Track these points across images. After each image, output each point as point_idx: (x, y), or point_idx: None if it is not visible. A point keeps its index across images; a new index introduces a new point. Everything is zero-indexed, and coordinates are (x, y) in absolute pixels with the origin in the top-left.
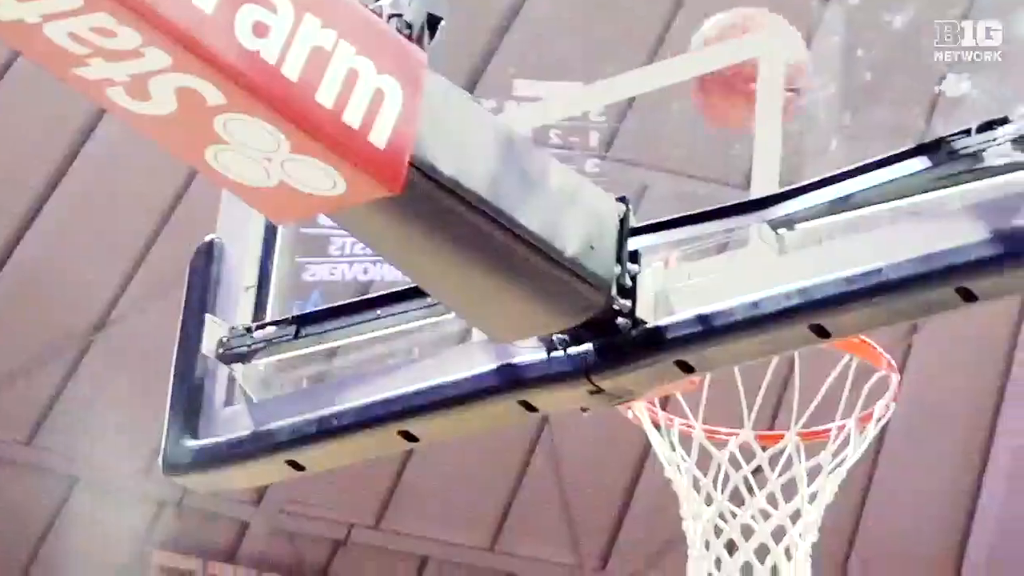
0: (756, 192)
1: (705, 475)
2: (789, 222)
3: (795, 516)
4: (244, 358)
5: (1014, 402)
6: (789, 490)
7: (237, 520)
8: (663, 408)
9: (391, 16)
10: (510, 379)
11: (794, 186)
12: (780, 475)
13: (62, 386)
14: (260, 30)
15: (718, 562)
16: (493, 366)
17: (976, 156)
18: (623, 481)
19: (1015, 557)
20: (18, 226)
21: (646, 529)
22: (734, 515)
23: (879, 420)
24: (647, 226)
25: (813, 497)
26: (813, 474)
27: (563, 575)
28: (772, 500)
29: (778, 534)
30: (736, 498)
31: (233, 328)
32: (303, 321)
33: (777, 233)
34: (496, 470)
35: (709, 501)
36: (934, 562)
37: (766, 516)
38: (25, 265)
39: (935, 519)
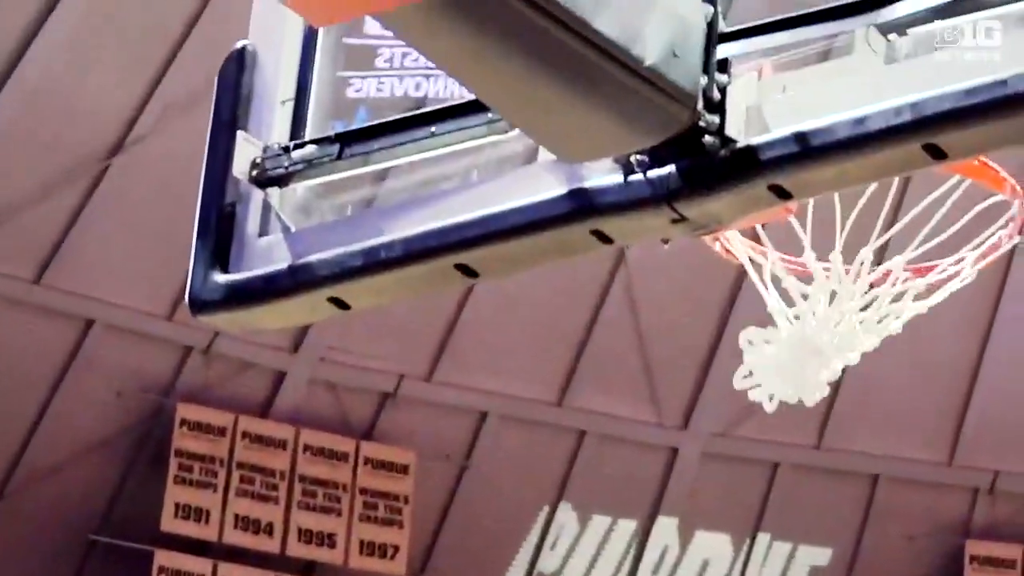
0: None
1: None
2: (901, 26)
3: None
4: (281, 181)
5: None
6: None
7: (272, 369)
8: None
9: None
10: (582, 205)
11: None
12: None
13: (74, 218)
14: None
15: None
16: (563, 190)
17: None
18: (709, 326)
19: None
20: (21, 36)
21: (732, 384)
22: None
23: (996, 250)
24: (738, 31)
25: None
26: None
27: (640, 434)
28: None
29: None
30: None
31: (268, 147)
32: (347, 139)
33: (887, 39)
34: (565, 315)
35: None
36: None
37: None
38: (30, 81)
39: None
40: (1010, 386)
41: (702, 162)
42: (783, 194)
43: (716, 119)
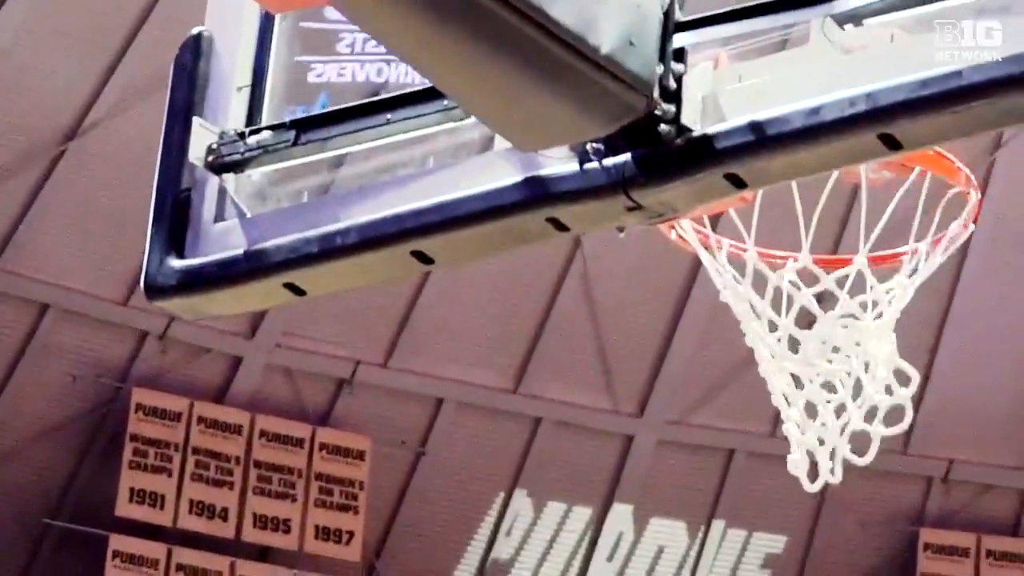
0: None
1: (762, 299)
2: (856, 16)
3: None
4: (237, 167)
5: None
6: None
7: (228, 355)
8: (712, 229)
9: None
10: (538, 193)
11: None
12: (842, 303)
13: (29, 202)
14: None
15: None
16: (518, 178)
17: None
18: (665, 313)
19: None
20: None
21: (689, 370)
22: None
23: (954, 242)
24: (694, 20)
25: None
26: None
27: (595, 421)
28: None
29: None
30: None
31: (224, 133)
32: (303, 126)
33: (843, 29)
34: (521, 302)
35: (772, 328)
36: (1014, 416)
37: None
38: None
39: (1020, 360)
40: (964, 376)
41: (658, 151)
42: (739, 183)
43: (672, 108)
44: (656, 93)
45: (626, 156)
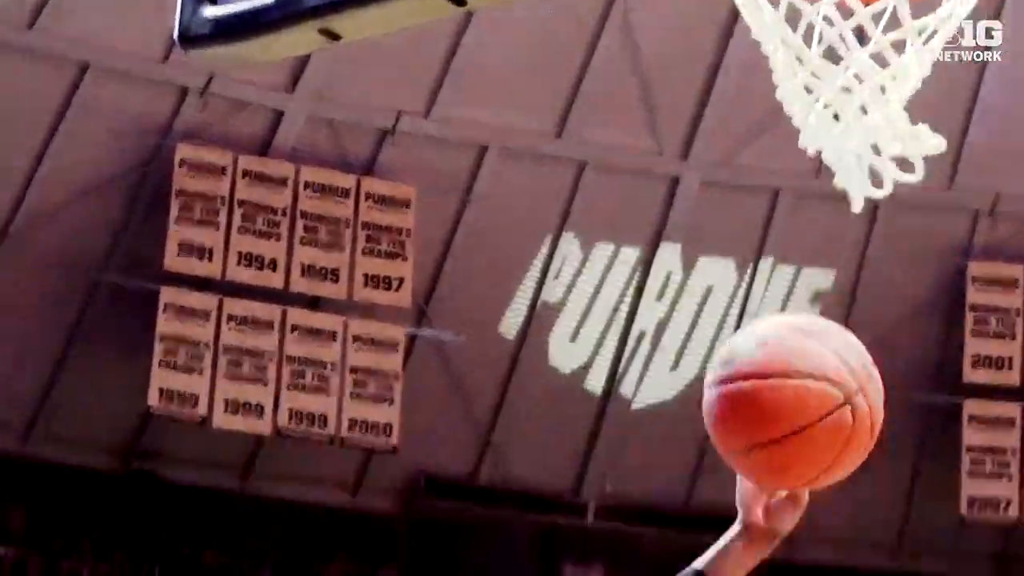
0: None
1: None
2: None
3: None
4: None
5: None
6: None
7: (270, 109)
8: None
9: None
10: None
11: None
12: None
13: None
14: None
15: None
16: None
17: None
18: (707, 55)
19: None
20: None
21: (733, 109)
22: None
23: None
24: None
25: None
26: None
27: (640, 163)
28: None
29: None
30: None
31: None
32: None
33: None
34: (563, 45)
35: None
36: None
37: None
38: None
39: None
40: (1010, 109)
41: None
42: None
43: None
44: None
45: None
